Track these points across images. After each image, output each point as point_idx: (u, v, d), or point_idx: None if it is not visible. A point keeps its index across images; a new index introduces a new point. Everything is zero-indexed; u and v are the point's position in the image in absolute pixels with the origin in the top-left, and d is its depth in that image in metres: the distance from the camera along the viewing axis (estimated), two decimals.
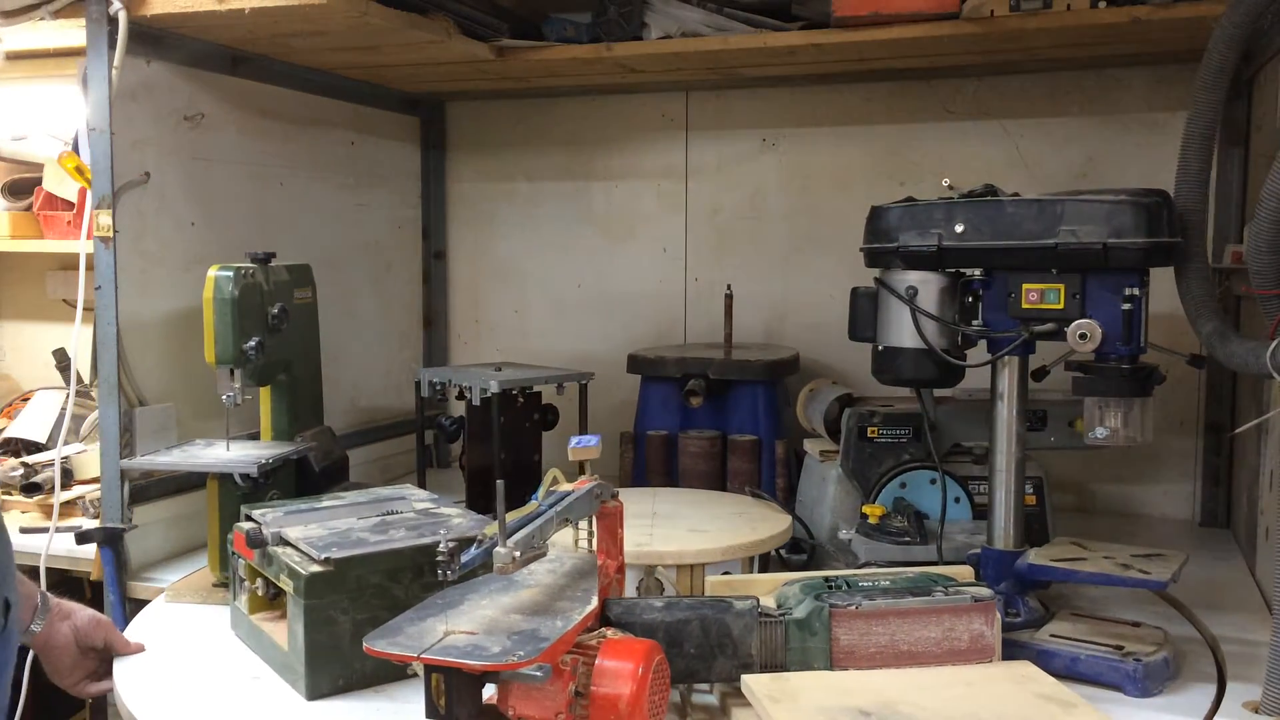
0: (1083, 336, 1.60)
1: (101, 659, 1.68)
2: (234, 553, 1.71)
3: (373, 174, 2.97)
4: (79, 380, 2.36)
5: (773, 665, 1.47)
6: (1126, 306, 1.59)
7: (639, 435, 2.52)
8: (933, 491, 1.97)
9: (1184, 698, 1.52)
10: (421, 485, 2.31)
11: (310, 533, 1.62)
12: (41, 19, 2.10)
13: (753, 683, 1.42)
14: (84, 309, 2.22)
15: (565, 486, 1.45)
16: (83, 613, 1.66)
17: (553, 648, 1.21)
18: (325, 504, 1.81)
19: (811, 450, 2.29)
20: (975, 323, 1.71)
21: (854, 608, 1.46)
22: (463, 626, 1.25)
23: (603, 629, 1.38)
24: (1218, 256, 2.40)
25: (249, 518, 1.72)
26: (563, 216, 3.09)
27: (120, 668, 1.64)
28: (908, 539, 1.88)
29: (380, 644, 1.20)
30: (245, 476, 1.89)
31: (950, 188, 2.74)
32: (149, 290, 2.17)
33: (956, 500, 1.99)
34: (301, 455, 2.05)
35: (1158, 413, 2.52)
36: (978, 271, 1.72)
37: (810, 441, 2.34)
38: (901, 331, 1.74)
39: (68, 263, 2.93)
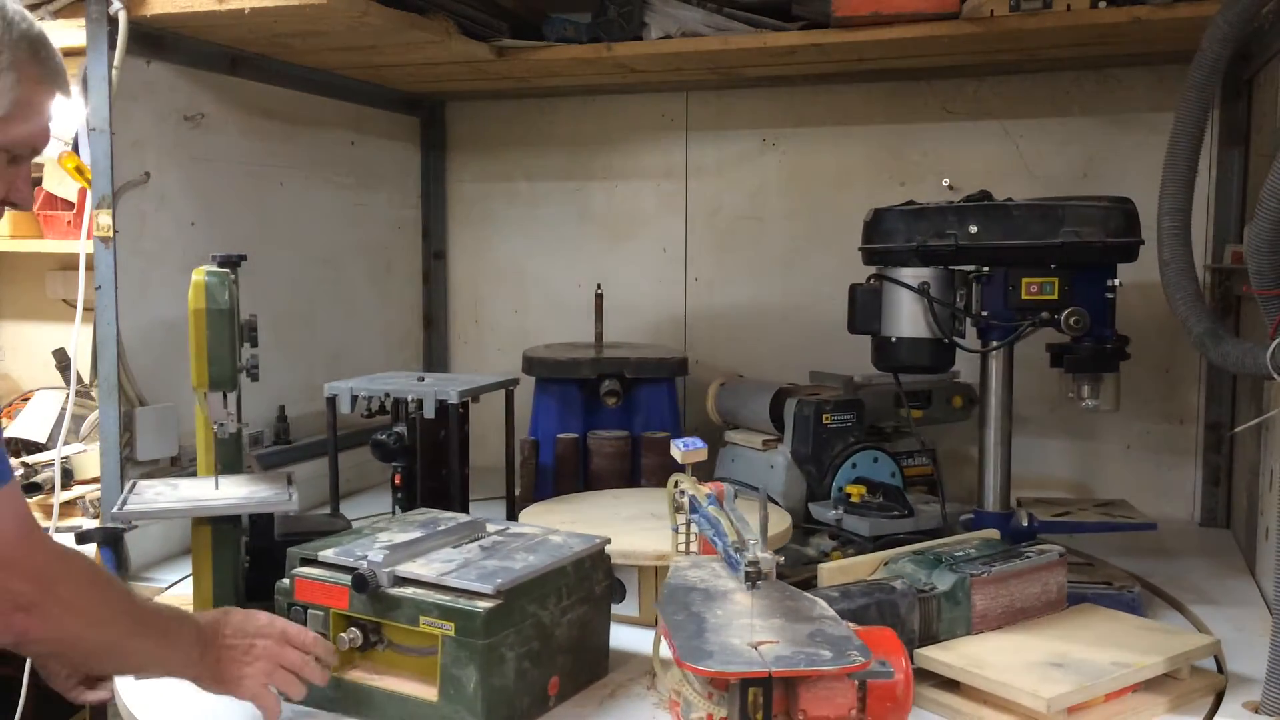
0: (1076, 322, 1.84)
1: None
2: (299, 604, 1.47)
3: (373, 174, 2.97)
4: (79, 380, 2.36)
5: (928, 638, 1.56)
6: (1110, 295, 1.86)
7: (539, 441, 2.38)
8: (876, 468, 2.24)
9: (1184, 698, 1.52)
10: (335, 512, 2.08)
11: (437, 568, 1.45)
12: (41, 19, 2.10)
13: (935, 655, 1.50)
14: (84, 309, 2.22)
15: (703, 489, 1.50)
16: None
17: None
18: (388, 539, 1.54)
19: (742, 440, 2.42)
20: (985, 314, 1.90)
21: (987, 575, 1.59)
22: (759, 638, 1.22)
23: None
24: (1218, 256, 2.41)
25: (313, 560, 1.50)
26: (563, 216, 3.08)
27: None
28: (897, 512, 2.05)
29: (711, 664, 1.16)
30: (256, 519, 1.65)
31: (950, 187, 2.77)
32: (149, 290, 2.17)
33: (893, 475, 2.24)
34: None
35: (1158, 411, 2.55)
36: (985, 268, 1.91)
37: (737, 433, 2.46)
38: (902, 322, 1.92)
39: (68, 263, 2.93)
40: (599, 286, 2.64)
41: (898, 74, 2.65)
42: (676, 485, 1.55)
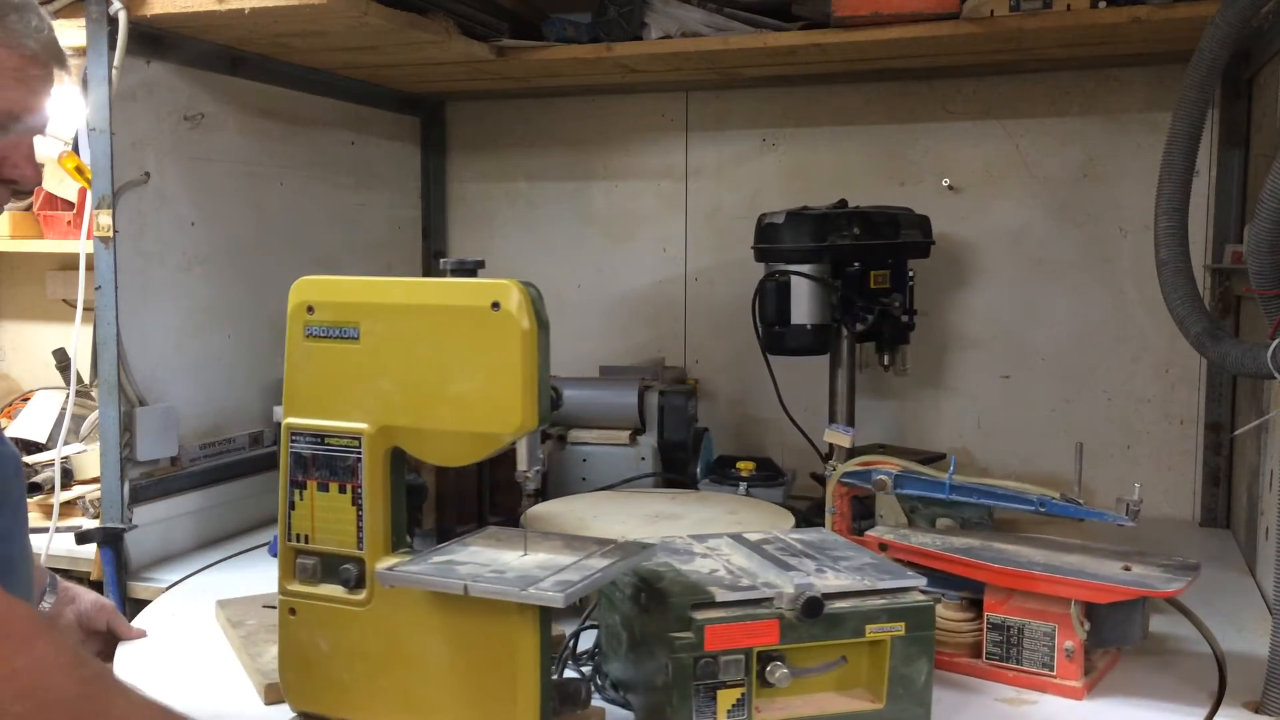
0: (900, 305, 2.34)
1: (105, 642, 1.69)
2: (710, 654, 1.33)
3: (373, 174, 2.97)
4: (79, 380, 2.36)
5: None
6: (911, 284, 2.39)
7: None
8: (710, 446, 2.54)
9: (1184, 698, 1.52)
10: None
11: (841, 578, 1.45)
12: None
13: None
14: (84, 309, 2.23)
15: (891, 464, 1.75)
16: (87, 597, 1.68)
17: None
18: (719, 566, 1.49)
19: (597, 439, 2.51)
20: (860, 302, 2.30)
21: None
22: (1116, 566, 1.58)
23: None
24: (1218, 256, 2.41)
25: (705, 604, 1.37)
26: (563, 217, 3.08)
27: None
28: (780, 479, 2.38)
29: (1158, 586, 1.52)
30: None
31: (950, 188, 2.79)
32: (149, 290, 2.17)
33: (710, 449, 2.54)
34: None
35: (1159, 411, 2.54)
36: (856, 264, 2.30)
37: (590, 431, 2.51)
38: (801, 311, 2.25)
39: (68, 263, 2.93)
40: None
41: (898, 74, 2.65)
42: (874, 467, 1.76)
